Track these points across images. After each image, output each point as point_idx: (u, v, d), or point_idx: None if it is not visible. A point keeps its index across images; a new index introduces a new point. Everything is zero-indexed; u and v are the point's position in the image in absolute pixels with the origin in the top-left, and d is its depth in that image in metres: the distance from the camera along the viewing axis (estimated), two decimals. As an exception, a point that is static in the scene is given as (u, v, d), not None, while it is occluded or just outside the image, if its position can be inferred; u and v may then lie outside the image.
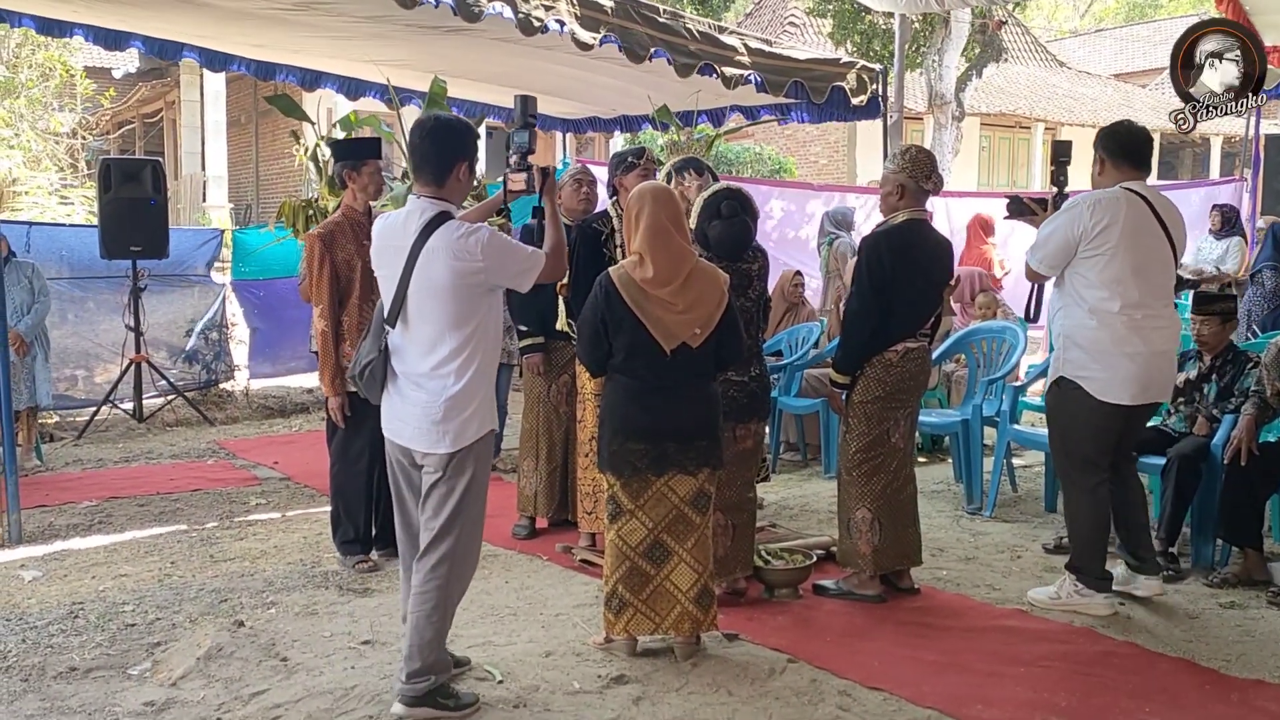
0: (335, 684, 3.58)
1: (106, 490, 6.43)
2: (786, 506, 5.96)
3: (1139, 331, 4.06)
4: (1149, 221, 4.08)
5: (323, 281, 4.71)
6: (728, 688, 3.56)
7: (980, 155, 23.08)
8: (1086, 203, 4.08)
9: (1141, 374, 4.07)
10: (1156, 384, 4.17)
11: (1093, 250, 4.04)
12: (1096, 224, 4.02)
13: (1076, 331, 4.13)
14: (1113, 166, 4.21)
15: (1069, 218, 4.08)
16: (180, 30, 7.40)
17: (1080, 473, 4.22)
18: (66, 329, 8.49)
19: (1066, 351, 4.15)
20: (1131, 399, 4.11)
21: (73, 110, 17.18)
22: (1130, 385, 4.08)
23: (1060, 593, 4.26)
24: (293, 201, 7.44)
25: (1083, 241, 4.05)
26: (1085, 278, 4.08)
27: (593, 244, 4.79)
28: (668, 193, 3.86)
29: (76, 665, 3.78)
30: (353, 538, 4.88)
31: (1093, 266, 4.06)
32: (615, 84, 7.99)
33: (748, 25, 21.72)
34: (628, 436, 3.71)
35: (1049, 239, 4.16)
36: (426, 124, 3.41)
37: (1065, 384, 4.17)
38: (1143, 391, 4.11)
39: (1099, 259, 4.04)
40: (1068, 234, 4.08)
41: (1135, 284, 4.05)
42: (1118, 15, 41.53)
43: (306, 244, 4.85)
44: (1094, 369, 4.08)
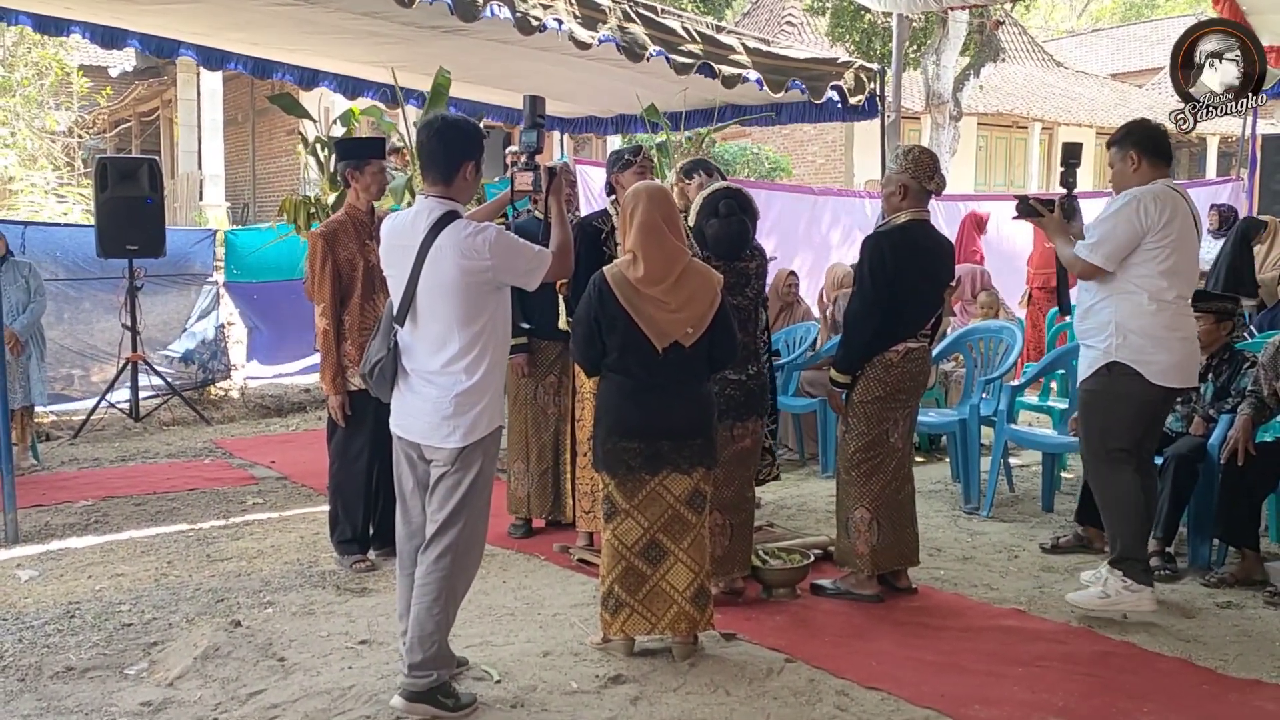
0: (333, 684, 3.58)
1: (103, 490, 6.42)
2: (784, 506, 5.96)
3: (1186, 318, 4.26)
4: (1187, 217, 4.21)
5: (325, 280, 4.70)
6: (725, 687, 3.56)
7: (978, 155, 23.08)
8: (1148, 197, 4.13)
9: (1188, 359, 4.25)
10: (1194, 369, 4.36)
11: (1156, 243, 4.12)
12: (1161, 218, 4.10)
13: (1134, 318, 4.17)
14: (1149, 165, 4.27)
15: (1131, 213, 4.12)
16: (177, 27, 7.40)
17: (1123, 460, 4.24)
18: (63, 328, 8.48)
19: (1122, 338, 4.17)
20: (1182, 381, 4.26)
21: (69, 109, 17.14)
22: (1182, 369, 4.22)
23: (1108, 590, 4.18)
24: (294, 198, 7.44)
25: (1149, 235, 4.11)
26: (1145, 268, 4.14)
27: (592, 242, 4.78)
28: (662, 191, 3.87)
29: (73, 665, 3.77)
30: (350, 537, 4.88)
31: (1155, 258, 4.13)
32: (613, 84, 7.98)
33: (745, 24, 21.71)
34: (621, 435, 3.71)
35: (1112, 235, 4.17)
36: (434, 123, 3.43)
37: (1118, 370, 4.18)
38: (1189, 376, 4.28)
39: (1162, 250, 4.12)
40: (1133, 228, 4.13)
41: (1184, 275, 4.21)
42: (1114, 15, 41.56)
43: (309, 243, 4.84)
44: (1154, 353, 4.13)
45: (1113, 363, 4.20)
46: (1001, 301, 8.32)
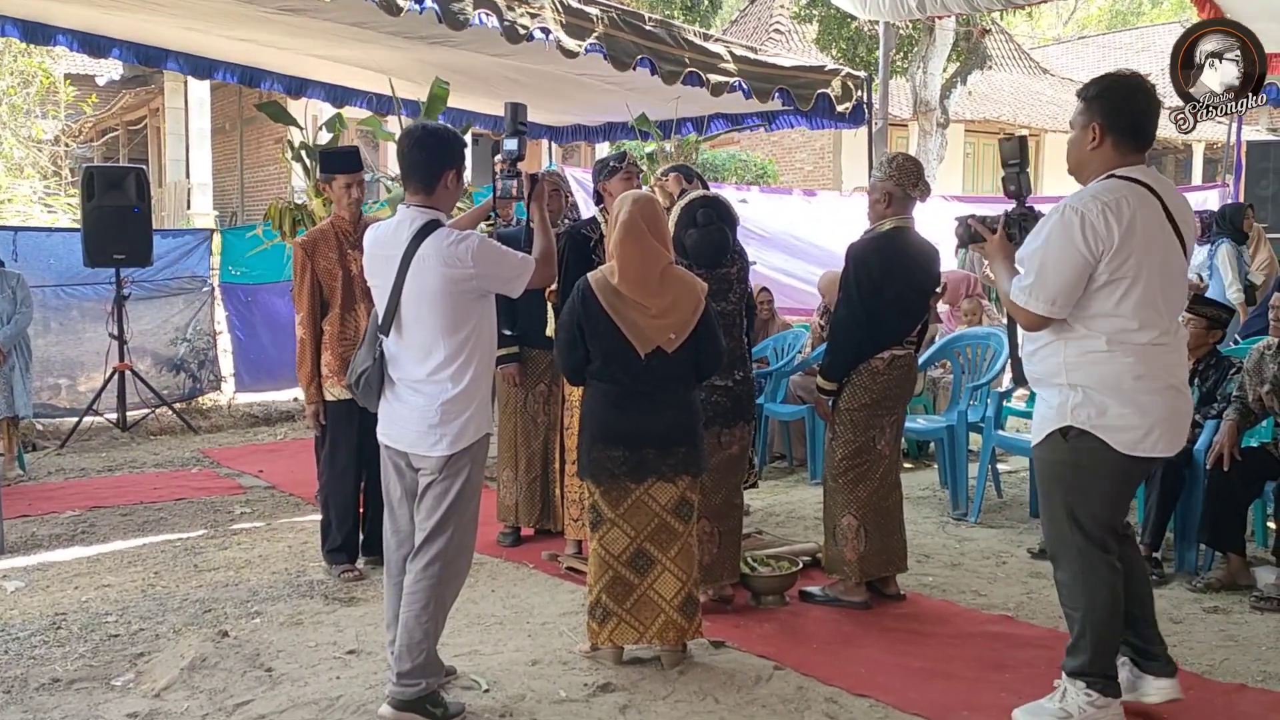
0: (320, 694, 3.56)
1: (90, 500, 6.39)
2: (773, 513, 5.96)
3: (1169, 359, 3.16)
4: (1162, 223, 3.13)
5: (304, 290, 4.73)
6: (714, 695, 3.56)
7: (965, 162, 23.16)
8: (1093, 208, 3.06)
9: (1173, 416, 3.18)
10: (1182, 427, 3.24)
11: (1110, 272, 3.07)
12: (1113, 233, 3.04)
13: (1087, 368, 3.14)
14: (1114, 146, 3.16)
15: (1068, 235, 3.07)
16: (164, 33, 7.38)
17: (1095, 548, 3.25)
18: (51, 337, 8.45)
19: (1073, 393, 3.17)
20: (1167, 448, 3.18)
21: (56, 117, 17.08)
22: (1162, 430, 3.15)
23: (1069, 708, 3.27)
24: (280, 204, 7.43)
25: (1102, 261, 3.06)
26: (1099, 304, 3.11)
27: (581, 250, 4.79)
28: (648, 199, 3.88)
29: (59, 676, 3.75)
30: (339, 546, 4.87)
31: (1112, 291, 3.09)
32: (602, 92, 8.00)
33: (733, 33, 21.76)
34: (606, 443, 3.71)
35: (1049, 271, 3.10)
36: (415, 132, 3.44)
37: (1075, 436, 3.18)
38: (1174, 438, 3.19)
39: (1119, 283, 3.08)
40: (1076, 257, 3.07)
41: (1159, 306, 3.12)
42: (1100, 23, 41.77)
43: (292, 251, 4.85)
44: (1120, 414, 3.11)
45: (1066, 427, 3.19)
46: (987, 308, 8.35)
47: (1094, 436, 3.14)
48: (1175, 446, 3.21)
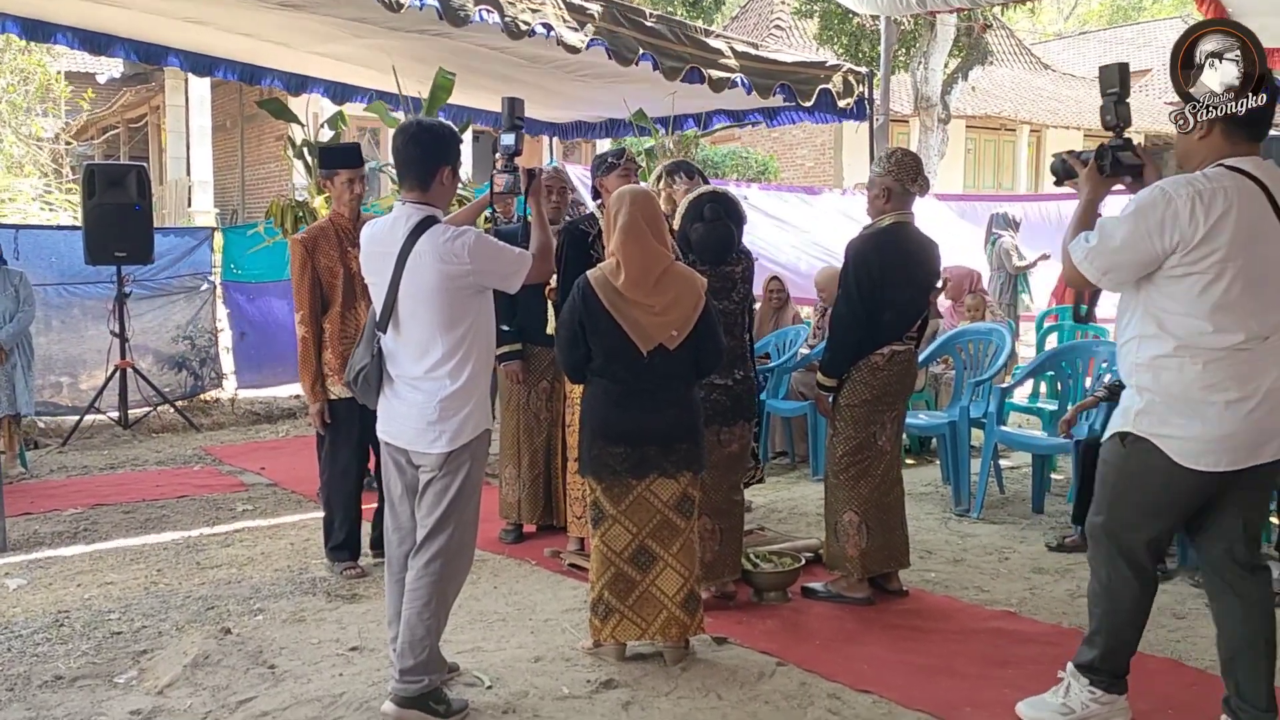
0: (323, 691, 3.56)
1: (92, 497, 6.39)
2: (775, 509, 5.96)
3: (1252, 366, 2.91)
4: (1265, 218, 2.89)
5: (304, 287, 4.70)
6: (717, 691, 3.56)
7: (966, 158, 23.15)
8: (1184, 192, 2.87)
9: (1254, 424, 2.91)
10: (1258, 444, 2.95)
11: (1187, 266, 2.89)
12: (1199, 225, 2.84)
13: (1153, 372, 2.99)
14: (1224, 135, 2.95)
15: (1150, 215, 2.90)
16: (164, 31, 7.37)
17: (1122, 560, 3.14)
18: (52, 335, 8.45)
19: (1139, 398, 3.03)
20: (1237, 461, 2.94)
21: (56, 115, 17.08)
22: (1232, 445, 2.93)
23: (1072, 703, 3.24)
24: (282, 201, 7.42)
25: (1177, 251, 2.88)
26: (1173, 302, 2.94)
27: (580, 246, 4.78)
28: (645, 194, 3.87)
29: (62, 674, 3.76)
30: (341, 543, 4.86)
31: (1186, 290, 2.90)
32: (603, 88, 7.99)
33: (734, 29, 21.75)
34: (607, 440, 3.71)
35: (1115, 243, 2.97)
36: (409, 129, 3.43)
37: (1132, 442, 3.05)
38: (1256, 448, 2.94)
39: (1196, 279, 2.89)
40: (1147, 240, 2.90)
41: (1247, 307, 2.89)
42: (1101, 18, 41.74)
43: (290, 249, 4.83)
44: (1180, 424, 2.95)
45: (1127, 432, 3.07)
46: (990, 304, 8.35)
47: (1150, 444, 3.00)
48: (1254, 459, 2.95)
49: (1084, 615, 4.18)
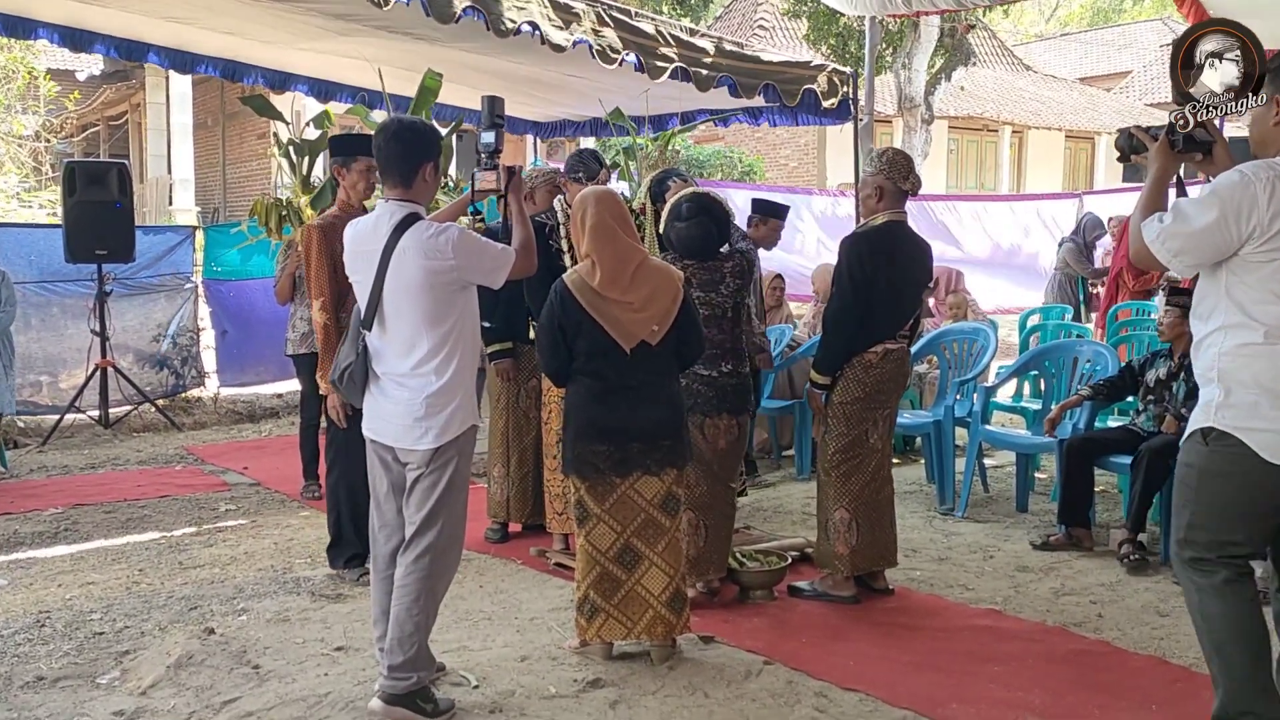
0: (308, 691, 3.54)
1: (72, 497, 6.34)
2: (760, 508, 5.96)
3: None
4: None
5: (322, 273, 4.50)
6: (704, 690, 3.56)
7: (949, 158, 23.26)
8: (1261, 180, 2.81)
9: None
10: None
11: (1269, 252, 2.81)
12: (1277, 216, 2.78)
13: (1241, 362, 2.85)
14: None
15: (1228, 199, 2.82)
16: (146, 27, 7.31)
17: (1211, 569, 2.92)
18: (32, 334, 8.37)
19: (1225, 391, 2.87)
20: None
21: (36, 113, 16.95)
22: None
23: None
24: (266, 199, 7.36)
25: (1254, 238, 2.81)
26: (1258, 290, 2.85)
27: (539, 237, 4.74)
28: (609, 193, 3.89)
29: (44, 675, 3.72)
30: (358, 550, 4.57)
31: (1273, 274, 2.82)
32: (586, 85, 7.98)
33: (717, 29, 21.76)
34: (590, 438, 3.71)
35: (1191, 225, 2.86)
36: (390, 126, 3.43)
37: (1215, 438, 2.89)
38: None
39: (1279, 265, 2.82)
40: (1227, 227, 2.82)
41: None
42: (1082, 20, 41.99)
43: (304, 236, 4.64)
44: (1270, 415, 2.81)
45: (1209, 428, 2.90)
46: (971, 303, 8.39)
47: (1236, 439, 2.84)
48: None
49: (1067, 613, 4.25)
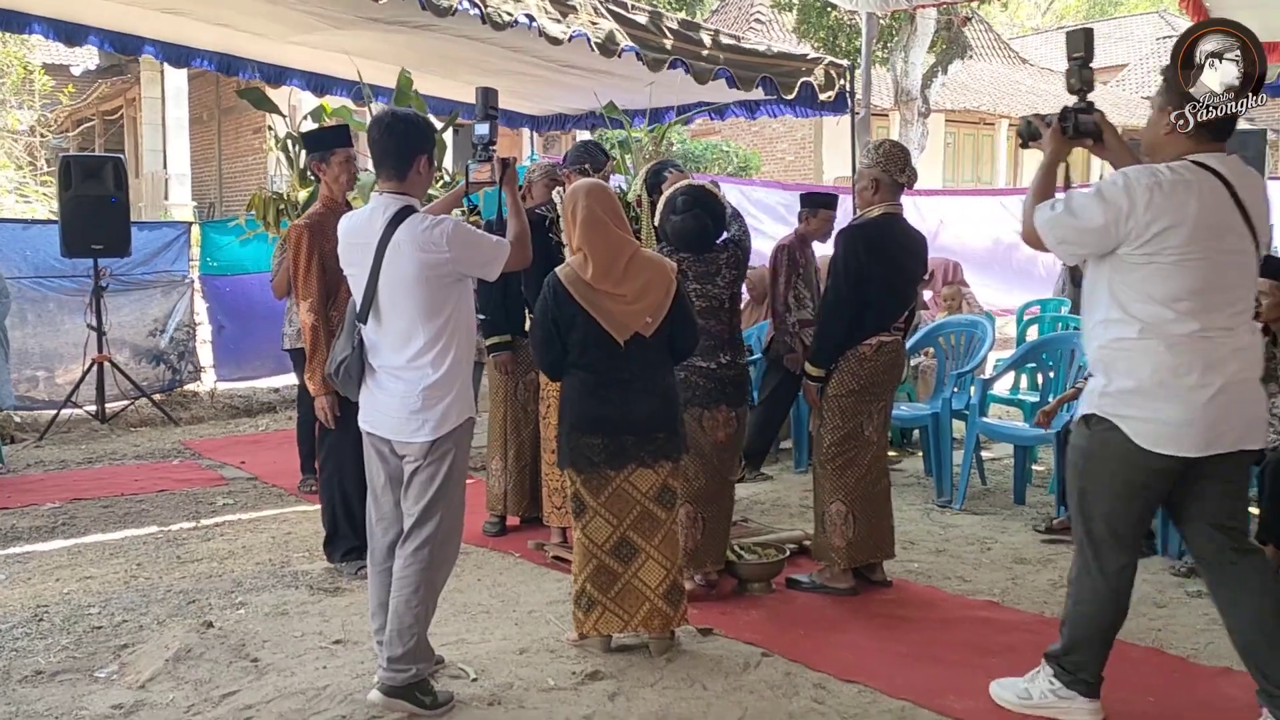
0: (307, 684, 3.55)
1: (70, 492, 6.33)
2: (758, 501, 5.97)
3: (1213, 355, 2.96)
4: (1228, 212, 2.97)
5: (310, 273, 4.49)
6: (702, 682, 3.56)
7: (945, 151, 23.23)
8: (1144, 181, 2.93)
9: (1213, 412, 2.96)
10: (1235, 424, 3.01)
11: (1147, 256, 2.95)
12: (1154, 220, 2.92)
13: (1120, 354, 3.04)
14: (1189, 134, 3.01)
15: (1119, 199, 2.95)
16: (140, 21, 7.29)
17: (1096, 549, 3.16)
18: (28, 329, 8.36)
19: (1107, 380, 3.07)
20: (1196, 447, 2.98)
21: (31, 107, 16.91)
22: (1195, 429, 2.97)
23: (1033, 690, 3.30)
24: (263, 194, 7.34)
25: (1130, 240, 2.95)
26: (1137, 289, 3.00)
27: (537, 230, 4.74)
28: (599, 186, 3.88)
29: (42, 668, 3.72)
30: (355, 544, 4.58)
31: (1147, 277, 2.97)
32: (586, 79, 7.96)
33: (713, 21, 21.72)
34: (584, 430, 3.71)
35: (1077, 219, 3.03)
36: (384, 119, 3.42)
37: (1096, 424, 3.10)
38: (1215, 436, 2.98)
39: (1158, 269, 2.95)
40: (1105, 226, 2.98)
41: (1208, 297, 2.97)
42: (1078, 13, 41.97)
43: (292, 235, 4.63)
44: (1141, 406, 3.00)
45: (1092, 414, 3.12)
46: (967, 295, 8.39)
47: (1113, 425, 3.04)
48: (1215, 448, 2.97)
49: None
